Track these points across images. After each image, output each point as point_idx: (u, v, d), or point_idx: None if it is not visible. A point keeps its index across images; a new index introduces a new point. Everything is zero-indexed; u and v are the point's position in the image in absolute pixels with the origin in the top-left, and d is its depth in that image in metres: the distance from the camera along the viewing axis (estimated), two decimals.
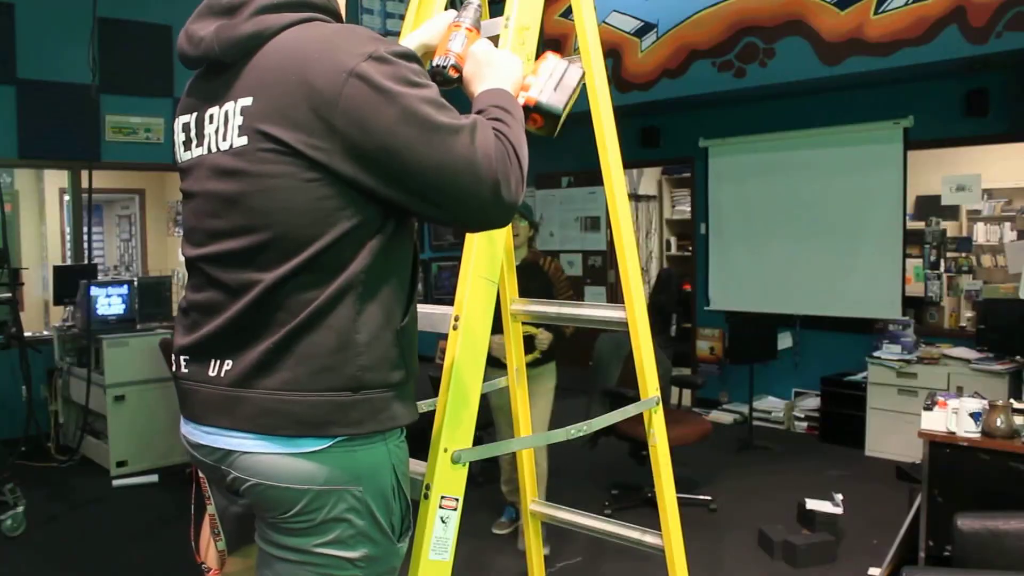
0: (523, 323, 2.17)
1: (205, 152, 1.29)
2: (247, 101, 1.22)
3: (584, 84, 1.53)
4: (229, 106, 1.25)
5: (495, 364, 2.23)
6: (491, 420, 4.14)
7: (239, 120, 1.23)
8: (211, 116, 1.28)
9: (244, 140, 1.22)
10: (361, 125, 1.16)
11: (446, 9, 1.85)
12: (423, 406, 1.96)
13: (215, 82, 1.29)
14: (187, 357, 1.33)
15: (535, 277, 3.73)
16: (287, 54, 1.21)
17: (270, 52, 1.23)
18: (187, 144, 1.35)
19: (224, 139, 1.25)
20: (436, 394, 1.48)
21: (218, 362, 1.28)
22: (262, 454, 1.25)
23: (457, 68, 1.41)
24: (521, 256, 3.79)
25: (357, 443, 1.25)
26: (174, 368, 1.37)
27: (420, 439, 1.61)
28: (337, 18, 1.32)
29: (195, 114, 1.33)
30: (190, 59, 1.32)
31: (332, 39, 1.21)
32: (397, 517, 1.31)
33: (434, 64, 1.42)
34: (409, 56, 1.22)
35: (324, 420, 1.23)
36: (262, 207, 1.21)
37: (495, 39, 1.61)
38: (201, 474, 1.45)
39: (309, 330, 1.22)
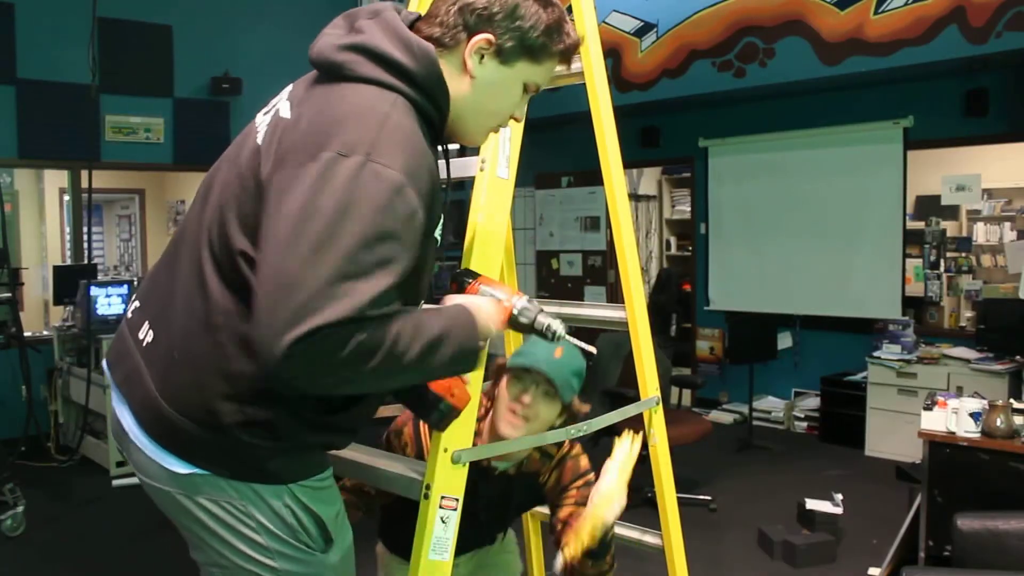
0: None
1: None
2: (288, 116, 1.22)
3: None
4: (280, 107, 1.26)
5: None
6: None
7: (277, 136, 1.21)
8: (277, 110, 1.27)
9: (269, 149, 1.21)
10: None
11: None
12: None
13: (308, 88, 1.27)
14: (137, 304, 1.36)
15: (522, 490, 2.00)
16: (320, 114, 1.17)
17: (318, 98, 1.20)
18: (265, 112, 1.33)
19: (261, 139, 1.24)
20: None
21: (147, 328, 1.29)
22: (140, 450, 1.25)
23: None
24: (519, 453, 1.92)
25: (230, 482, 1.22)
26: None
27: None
28: (437, 106, 1.24)
29: (282, 102, 1.29)
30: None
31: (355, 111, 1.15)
32: (312, 532, 1.28)
33: None
34: (403, 187, 1.10)
35: (185, 444, 1.20)
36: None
37: None
38: None
39: (193, 340, 1.20)
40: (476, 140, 1.35)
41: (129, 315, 1.36)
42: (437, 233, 1.29)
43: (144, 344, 1.27)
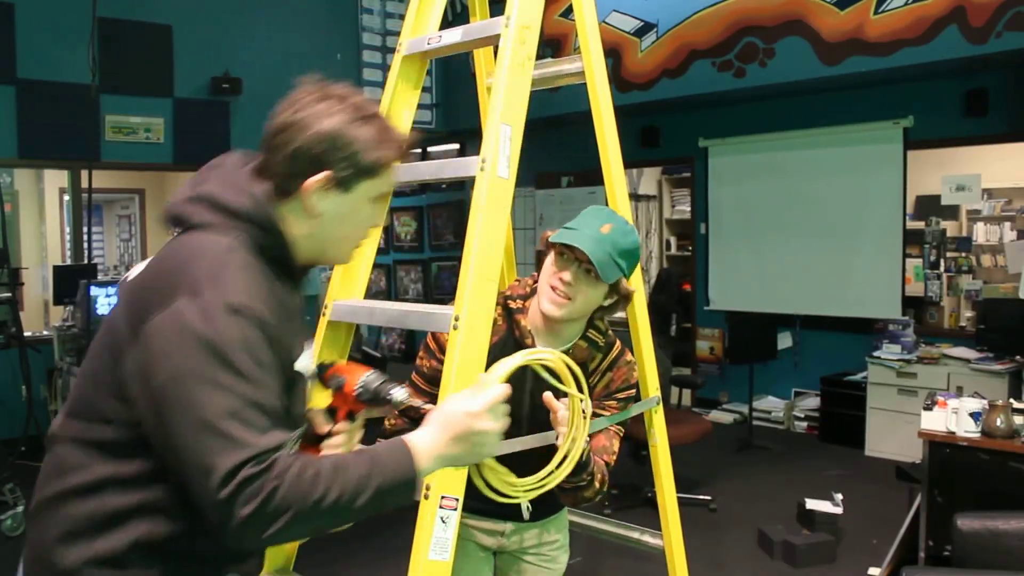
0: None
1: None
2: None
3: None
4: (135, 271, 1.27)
5: None
6: None
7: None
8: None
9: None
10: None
11: (446, 10, 1.86)
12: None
13: None
14: None
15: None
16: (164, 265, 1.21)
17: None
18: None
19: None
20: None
21: None
22: None
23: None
24: (566, 336, 1.80)
25: None
26: None
27: None
28: (277, 238, 1.25)
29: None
30: None
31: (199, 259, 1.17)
32: None
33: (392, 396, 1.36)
34: (258, 322, 1.13)
35: None
36: None
37: (495, 38, 1.61)
38: None
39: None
40: (342, 260, 1.39)
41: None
42: (303, 366, 1.29)
43: None
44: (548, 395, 1.58)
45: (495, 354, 1.51)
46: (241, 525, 1.04)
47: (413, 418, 1.74)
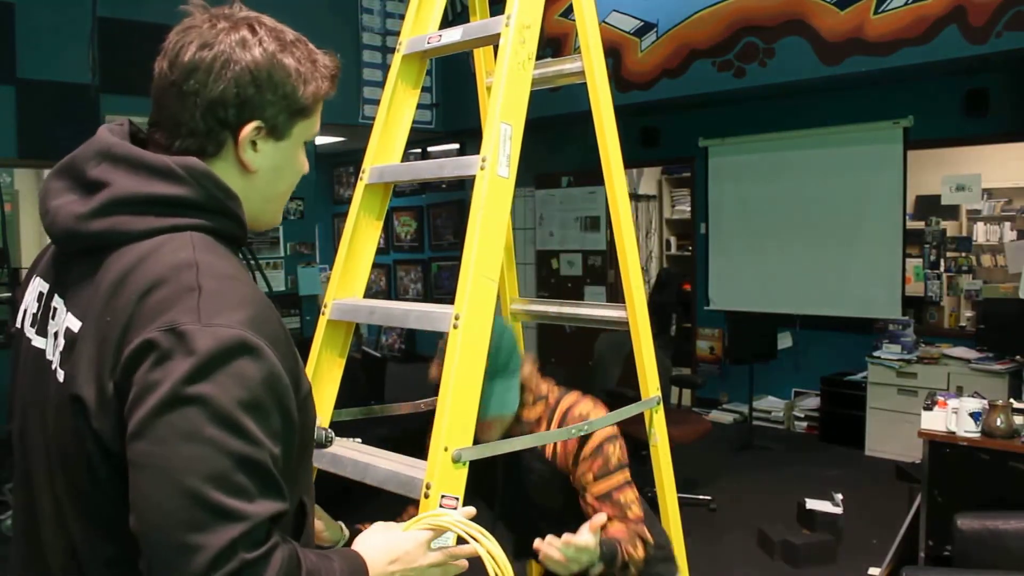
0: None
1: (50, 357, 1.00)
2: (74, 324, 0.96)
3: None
4: (61, 316, 0.99)
5: None
6: None
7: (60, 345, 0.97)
8: (55, 311, 1.01)
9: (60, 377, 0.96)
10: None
11: (446, 10, 1.86)
12: (422, 406, 1.96)
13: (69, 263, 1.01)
14: None
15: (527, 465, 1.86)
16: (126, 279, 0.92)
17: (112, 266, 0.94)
18: (34, 323, 1.05)
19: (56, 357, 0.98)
20: (436, 393, 1.47)
21: None
22: None
23: None
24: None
25: None
26: None
27: (420, 438, 1.60)
28: (237, 221, 1.02)
29: (48, 290, 1.04)
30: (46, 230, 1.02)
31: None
32: None
33: None
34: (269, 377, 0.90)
35: None
36: None
37: (495, 37, 1.61)
38: None
39: None
40: (276, 221, 1.16)
41: None
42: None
43: None
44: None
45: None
46: None
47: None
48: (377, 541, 1.12)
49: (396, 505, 1.66)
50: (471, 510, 1.27)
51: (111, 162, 0.97)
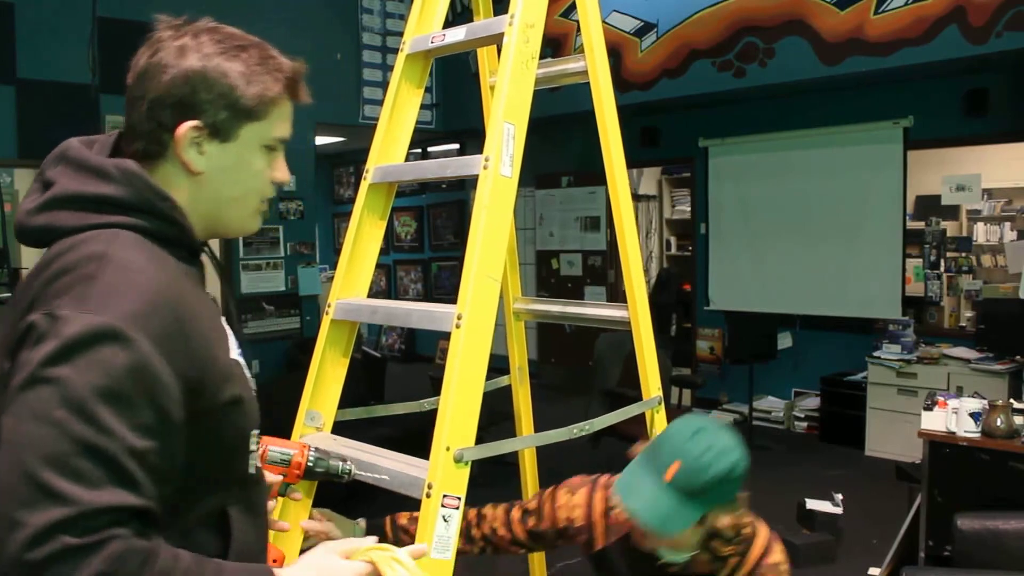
0: None
1: None
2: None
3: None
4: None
5: None
6: (493, 420, 4.14)
7: None
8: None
9: None
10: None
11: (448, 11, 1.86)
12: (425, 405, 1.96)
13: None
14: None
15: None
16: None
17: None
18: None
19: None
20: (437, 393, 1.48)
21: None
22: None
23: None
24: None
25: None
26: None
27: (421, 438, 1.61)
28: (170, 221, 1.03)
29: None
30: None
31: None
32: None
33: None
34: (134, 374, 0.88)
35: None
36: None
37: (498, 37, 1.61)
38: None
39: None
40: (247, 227, 1.15)
41: None
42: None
43: None
44: None
45: (621, 548, 1.50)
46: None
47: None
48: (310, 566, 1.06)
49: (397, 505, 1.66)
50: (422, 548, 1.21)
51: (64, 164, 1.04)
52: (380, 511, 1.83)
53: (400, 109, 1.79)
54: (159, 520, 0.91)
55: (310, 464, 1.37)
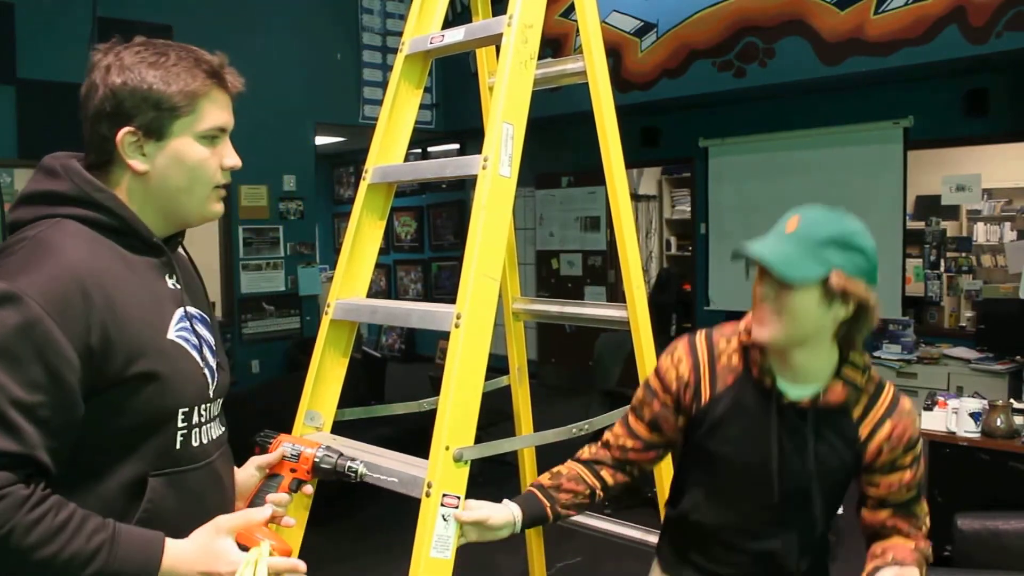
0: None
1: None
2: None
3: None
4: None
5: None
6: (493, 420, 4.14)
7: None
8: None
9: None
10: None
11: (447, 12, 1.86)
12: (425, 405, 1.96)
13: None
14: None
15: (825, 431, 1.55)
16: None
17: None
18: None
19: None
20: (437, 393, 1.48)
21: None
22: None
23: None
24: (810, 373, 1.48)
25: None
26: None
27: (421, 437, 1.61)
28: (108, 211, 1.15)
29: None
30: None
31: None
32: None
33: None
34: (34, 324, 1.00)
35: None
36: None
37: (497, 37, 1.62)
38: None
39: None
40: (206, 213, 1.24)
41: None
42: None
43: None
44: None
45: (733, 395, 1.44)
46: None
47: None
48: (200, 545, 1.12)
49: (397, 505, 1.66)
50: (299, 563, 1.20)
51: (35, 171, 1.21)
52: (379, 511, 1.84)
53: (399, 109, 1.79)
54: (48, 470, 1.00)
55: (317, 460, 1.39)
